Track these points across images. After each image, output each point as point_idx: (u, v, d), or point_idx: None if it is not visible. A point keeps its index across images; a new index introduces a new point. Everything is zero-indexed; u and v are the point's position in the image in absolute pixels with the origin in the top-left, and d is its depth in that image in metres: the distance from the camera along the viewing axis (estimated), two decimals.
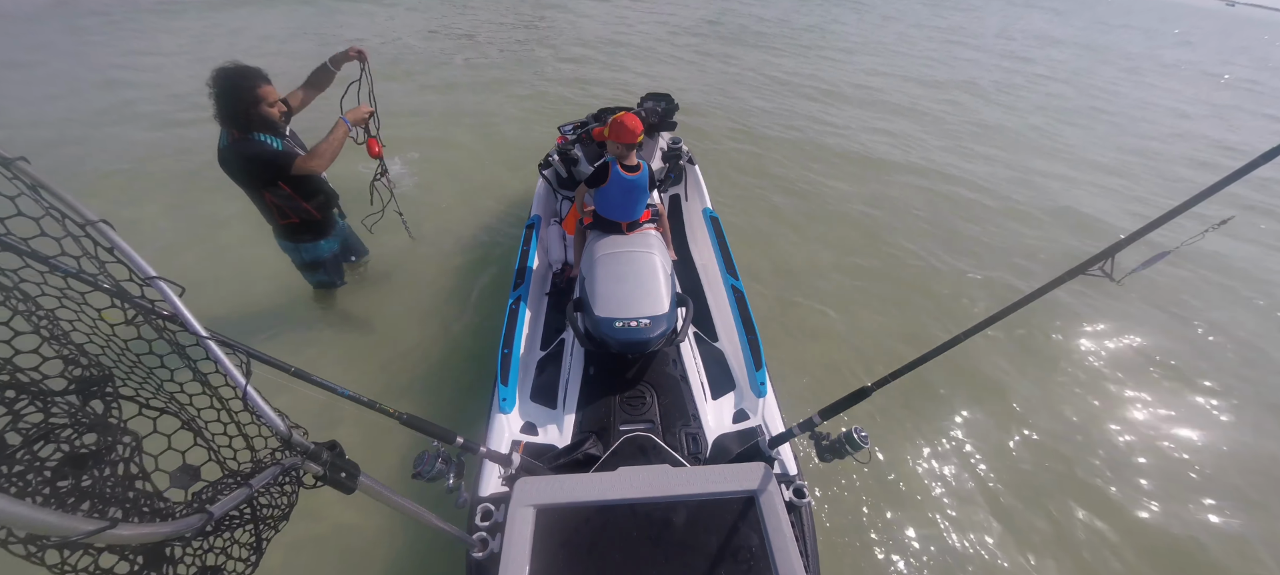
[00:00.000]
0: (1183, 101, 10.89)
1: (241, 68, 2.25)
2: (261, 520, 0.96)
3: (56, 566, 0.65)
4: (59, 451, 0.73)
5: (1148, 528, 2.52)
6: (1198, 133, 8.82)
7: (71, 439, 0.75)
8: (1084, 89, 11.04)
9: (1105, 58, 15.61)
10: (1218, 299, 4.18)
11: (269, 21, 10.89)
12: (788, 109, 7.66)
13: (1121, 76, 12.94)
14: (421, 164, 5.26)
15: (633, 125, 2.55)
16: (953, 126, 7.59)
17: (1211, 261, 4.56)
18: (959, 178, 5.87)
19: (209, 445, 1.00)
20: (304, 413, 1.16)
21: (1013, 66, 12.48)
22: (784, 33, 13.46)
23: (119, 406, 0.89)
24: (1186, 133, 8.73)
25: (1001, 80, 10.90)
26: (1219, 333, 3.79)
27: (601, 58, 9.78)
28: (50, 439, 0.73)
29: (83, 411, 0.80)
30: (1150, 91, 11.57)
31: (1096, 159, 7.01)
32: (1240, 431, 3.05)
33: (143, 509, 0.80)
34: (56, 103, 6.30)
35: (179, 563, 0.80)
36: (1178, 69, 15.11)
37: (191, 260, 3.76)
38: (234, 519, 0.92)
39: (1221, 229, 1.18)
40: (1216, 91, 12.41)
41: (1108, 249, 1.16)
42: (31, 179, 0.77)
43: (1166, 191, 6.22)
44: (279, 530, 1.02)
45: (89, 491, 0.74)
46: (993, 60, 12.94)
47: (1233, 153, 7.90)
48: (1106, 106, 9.82)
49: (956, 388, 3.13)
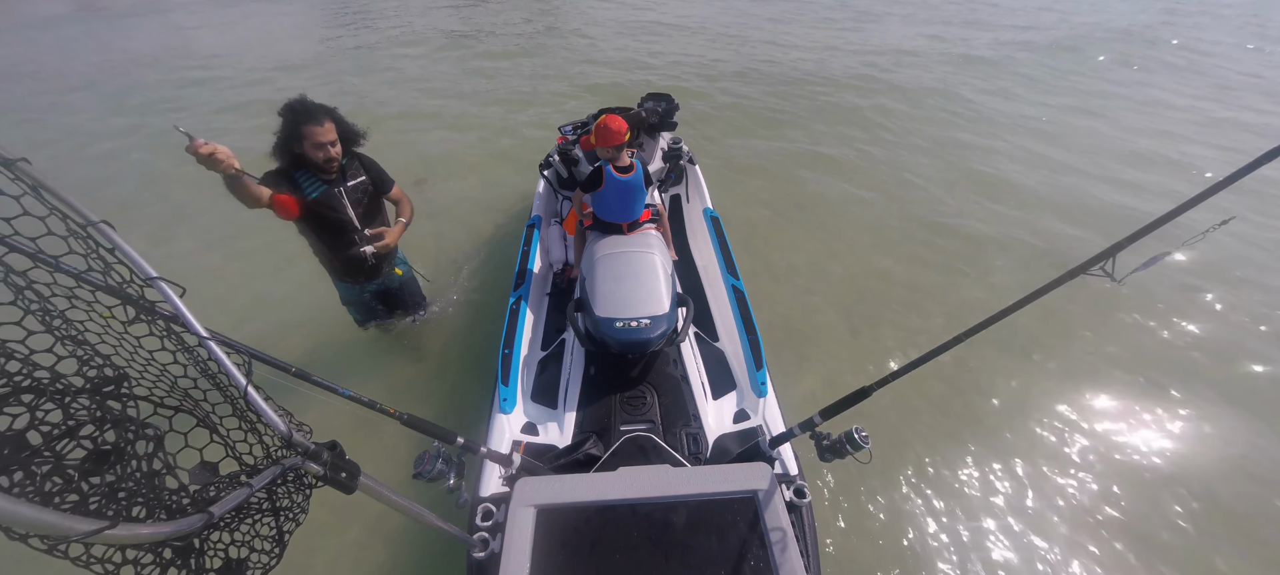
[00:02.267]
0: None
1: (293, 102, 2.16)
2: (282, 513, 0.97)
3: (81, 558, 0.66)
4: (80, 449, 0.73)
5: (1151, 526, 2.52)
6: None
7: (93, 436, 0.76)
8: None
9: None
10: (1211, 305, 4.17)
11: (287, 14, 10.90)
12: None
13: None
14: (421, 163, 5.27)
15: (616, 126, 2.55)
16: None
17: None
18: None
19: (225, 441, 1.01)
20: (304, 413, 1.16)
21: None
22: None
23: (136, 406, 0.89)
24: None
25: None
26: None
27: (614, 52, 9.79)
28: (72, 437, 0.73)
29: (103, 408, 0.81)
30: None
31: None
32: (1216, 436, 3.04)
33: (168, 504, 0.81)
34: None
35: (205, 554, 0.82)
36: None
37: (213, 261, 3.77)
38: (250, 511, 0.93)
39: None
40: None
41: (1108, 249, 1.16)
42: (33, 180, 0.77)
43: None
44: (300, 523, 1.03)
45: (113, 487, 0.74)
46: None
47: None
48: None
49: (957, 387, 3.13)
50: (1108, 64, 9.71)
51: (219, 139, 1.76)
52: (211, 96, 7.75)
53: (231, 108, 7.24)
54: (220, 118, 6.93)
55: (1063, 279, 1.22)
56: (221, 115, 7.01)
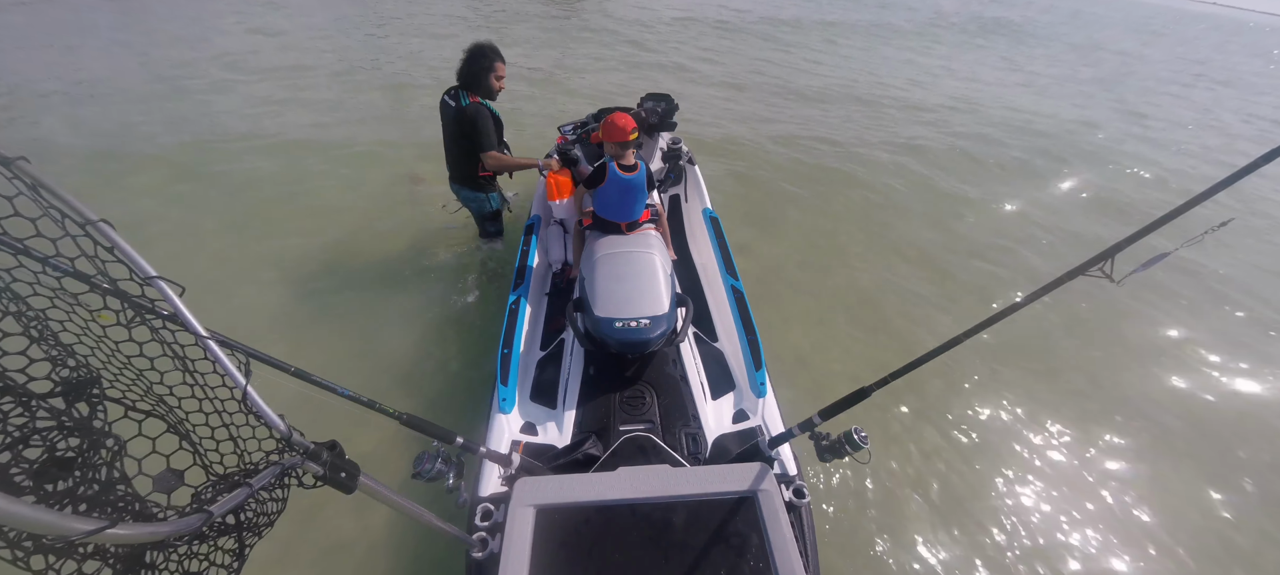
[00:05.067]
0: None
1: (487, 43, 2.92)
2: (246, 526, 0.95)
3: (41, 572, 0.65)
4: (42, 454, 0.72)
5: (1154, 532, 2.52)
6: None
7: (55, 442, 0.75)
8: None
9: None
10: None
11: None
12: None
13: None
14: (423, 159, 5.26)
15: (623, 123, 2.57)
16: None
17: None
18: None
19: (195, 448, 0.99)
20: (304, 413, 1.16)
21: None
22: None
23: (105, 409, 0.88)
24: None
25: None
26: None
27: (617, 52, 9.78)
28: (31, 444, 0.72)
29: (67, 414, 0.80)
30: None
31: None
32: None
33: (127, 513, 0.80)
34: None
35: (159, 569, 0.79)
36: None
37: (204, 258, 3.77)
38: (250, 511, 0.92)
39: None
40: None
41: (1108, 249, 1.16)
42: (31, 178, 0.77)
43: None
44: (262, 536, 1.00)
45: (71, 495, 0.73)
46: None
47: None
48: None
49: (957, 387, 3.13)
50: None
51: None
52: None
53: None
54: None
55: (1063, 279, 1.22)
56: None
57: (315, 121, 6.14)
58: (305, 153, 5.39)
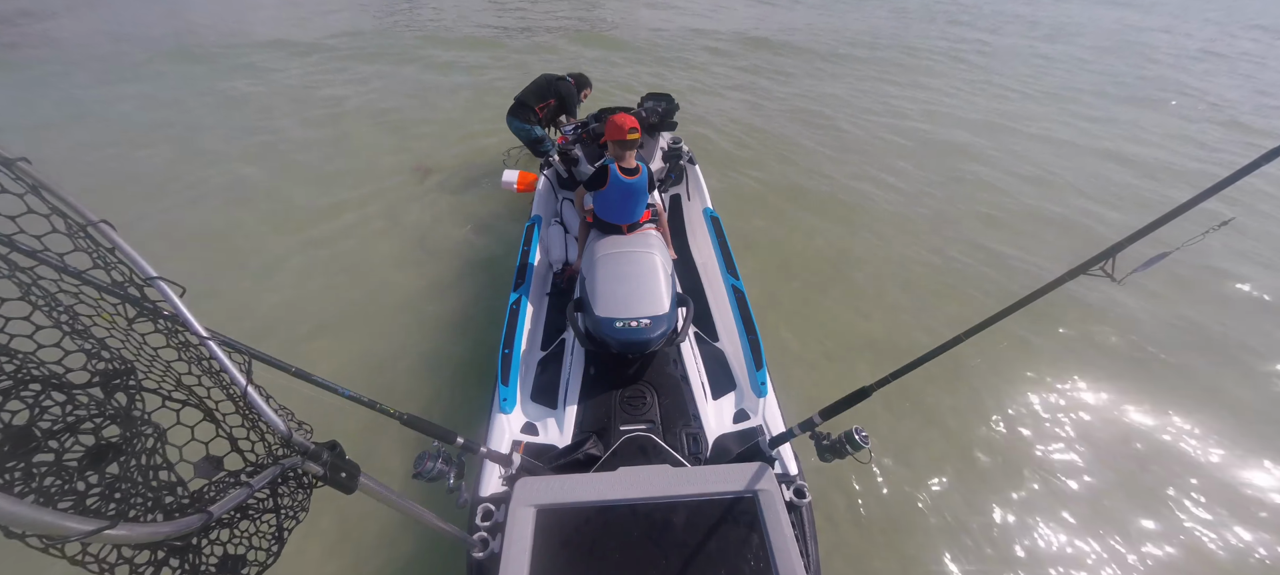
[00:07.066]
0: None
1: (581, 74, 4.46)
2: (282, 511, 0.98)
3: (77, 557, 0.66)
4: (80, 444, 0.73)
5: (1155, 532, 2.52)
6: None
7: (96, 431, 0.76)
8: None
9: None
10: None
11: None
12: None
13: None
14: (422, 158, 5.27)
15: (628, 123, 2.56)
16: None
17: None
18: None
19: (230, 436, 1.01)
20: (304, 413, 1.16)
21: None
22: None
23: (143, 399, 0.89)
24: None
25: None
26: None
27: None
28: (73, 431, 0.73)
29: (106, 404, 0.81)
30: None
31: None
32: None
33: (165, 502, 0.81)
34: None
35: (201, 551, 0.83)
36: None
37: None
38: (253, 508, 0.93)
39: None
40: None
41: (1109, 249, 1.16)
42: (33, 179, 0.77)
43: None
44: (300, 521, 1.03)
45: (113, 483, 0.74)
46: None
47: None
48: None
49: (957, 387, 3.12)
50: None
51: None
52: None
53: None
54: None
55: (1063, 278, 1.22)
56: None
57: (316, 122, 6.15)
58: (307, 152, 5.41)
